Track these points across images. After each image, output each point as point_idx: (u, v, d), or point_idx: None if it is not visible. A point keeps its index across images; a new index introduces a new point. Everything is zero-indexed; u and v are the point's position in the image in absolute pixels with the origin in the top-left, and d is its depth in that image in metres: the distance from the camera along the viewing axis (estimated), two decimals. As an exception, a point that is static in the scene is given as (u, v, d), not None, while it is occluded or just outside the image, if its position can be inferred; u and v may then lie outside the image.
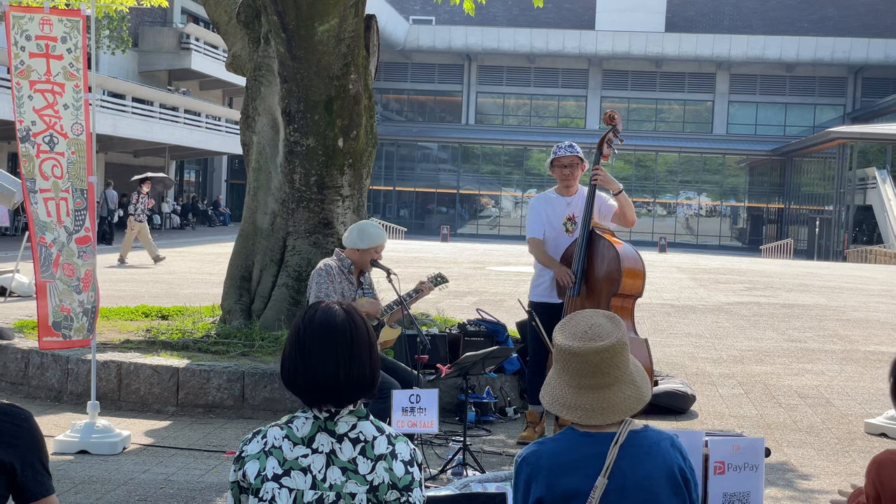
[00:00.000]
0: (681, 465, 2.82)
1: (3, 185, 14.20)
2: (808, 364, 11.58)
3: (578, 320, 2.89)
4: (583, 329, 2.84)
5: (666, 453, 2.80)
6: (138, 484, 6.36)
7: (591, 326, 2.84)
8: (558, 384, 2.85)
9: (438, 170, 63.80)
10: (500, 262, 27.01)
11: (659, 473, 2.77)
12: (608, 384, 2.80)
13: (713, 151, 61.40)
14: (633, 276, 7.04)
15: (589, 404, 2.79)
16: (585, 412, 2.79)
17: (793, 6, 64.12)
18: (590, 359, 2.78)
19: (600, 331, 2.83)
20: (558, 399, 2.83)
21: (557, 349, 2.84)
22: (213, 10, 11.29)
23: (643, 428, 2.84)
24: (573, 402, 2.81)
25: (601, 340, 2.80)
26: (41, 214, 7.13)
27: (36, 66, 7.04)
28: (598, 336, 2.81)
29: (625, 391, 2.82)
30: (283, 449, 2.67)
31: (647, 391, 2.89)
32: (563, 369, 2.84)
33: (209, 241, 34.55)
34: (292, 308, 9.64)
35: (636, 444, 2.79)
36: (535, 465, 2.82)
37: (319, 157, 9.63)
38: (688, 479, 2.82)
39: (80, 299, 7.20)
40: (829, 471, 7.12)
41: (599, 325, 2.85)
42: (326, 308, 2.75)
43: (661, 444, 2.81)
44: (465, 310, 13.72)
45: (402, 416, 5.87)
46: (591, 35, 61.35)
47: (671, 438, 2.86)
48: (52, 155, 7.11)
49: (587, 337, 2.81)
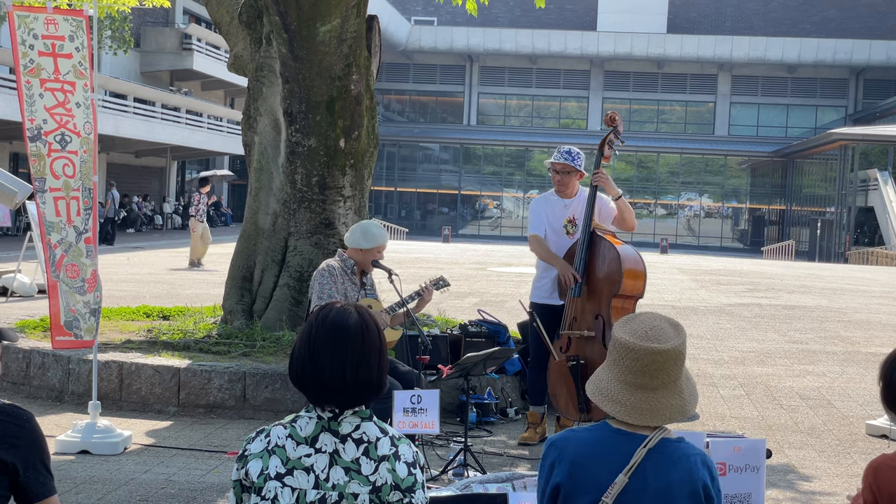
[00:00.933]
0: (707, 483, 2.78)
1: (4, 184, 14.20)
2: (810, 365, 11.57)
3: (643, 319, 2.88)
4: (645, 329, 2.83)
5: (694, 468, 2.78)
6: (139, 484, 6.37)
7: (653, 328, 2.83)
8: (607, 377, 2.85)
9: (440, 170, 63.80)
10: (501, 262, 27.01)
11: (681, 486, 2.75)
12: (655, 387, 2.79)
13: (715, 153, 61.39)
14: (634, 276, 7.04)
15: (632, 402, 2.78)
16: (626, 409, 2.78)
17: (795, 7, 64.10)
18: (644, 358, 2.77)
19: (661, 334, 2.82)
20: (604, 391, 2.83)
21: (615, 343, 2.83)
22: (215, 11, 11.29)
23: (678, 439, 2.82)
24: (618, 396, 2.80)
25: (660, 343, 2.79)
26: (49, 214, 7.13)
27: (45, 64, 7.06)
28: (658, 338, 2.80)
29: (671, 399, 2.80)
30: (287, 448, 2.68)
31: (693, 405, 2.86)
32: (615, 363, 2.83)
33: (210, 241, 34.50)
34: (294, 308, 9.64)
35: (666, 451, 2.77)
36: (561, 450, 2.82)
37: (321, 157, 9.64)
38: (711, 497, 2.79)
39: (86, 300, 7.22)
40: (830, 472, 7.12)
41: (662, 328, 2.84)
42: (341, 309, 2.75)
43: (690, 459, 2.79)
44: (467, 310, 13.73)
45: (403, 417, 5.87)
46: (592, 36, 61.33)
47: (703, 456, 2.83)
48: (64, 154, 7.12)
49: (647, 337, 2.80)
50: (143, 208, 42.82)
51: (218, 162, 55.58)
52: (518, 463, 7.14)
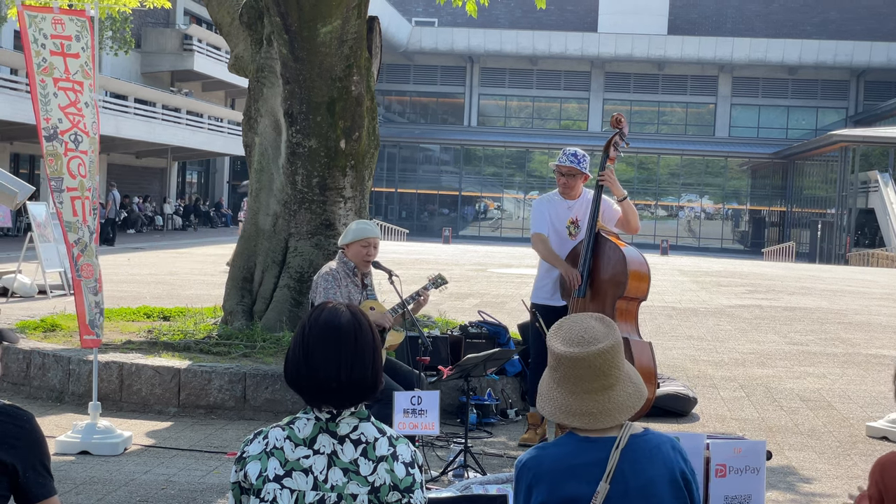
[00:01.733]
0: (682, 468, 2.81)
1: (5, 185, 14.21)
2: (810, 367, 11.57)
3: (570, 325, 2.87)
4: (577, 334, 2.82)
5: (667, 457, 2.79)
6: (139, 485, 6.37)
7: (585, 330, 2.82)
8: (559, 393, 2.82)
9: (440, 172, 63.81)
10: (501, 264, 27.01)
11: (661, 477, 2.76)
12: (610, 385, 2.79)
13: (715, 154, 61.40)
14: (639, 279, 7.04)
15: (595, 408, 2.77)
16: (592, 416, 2.77)
17: (795, 9, 64.11)
18: (592, 362, 2.77)
19: (595, 334, 2.81)
20: (562, 407, 2.81)
21: (556, 356, 2.82)
22: (216, 12, 11.30)
23: (644, 432, 2.83)
24: (577, 408, 2.79)
25: (599, 343, 2.79)
26: (66, 214, 7.18)
27: (57, 64, 7.10)
28: (595, 339, 2.80)
29: (626, 389, 2.82)
30: (285, 450, 2.67)
31: (644, 387, 2.89)
32: (564, 377, 2.81)
33: (211, 242, 34.56)
34: (294, 309, 9.64)
35: (637, 448, 2.78)
36: (536, 471, 2.80)
37: (321, 158, 9.64)
38: (689, 481, 2.82)
39: (97, 300, 7.28)
40: (830, 474, 7.12)
41: (593, 328, 2.83)
42: (333, 309, 2.75)
43: (661, 448, 2.80)
44: (467, 311, 13.73)
45: (403, 418, 5.87)
46: (593, 37, 61.33)
47: (671, 441, 2.85)
48: (77, 153, 7.17)
49: (584, 341, 2.79)
50: (143, 209, 42.83)
51: (219, 163, 55.60)
52: (518, 464, 7.12)
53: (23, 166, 37.02)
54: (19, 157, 37.13)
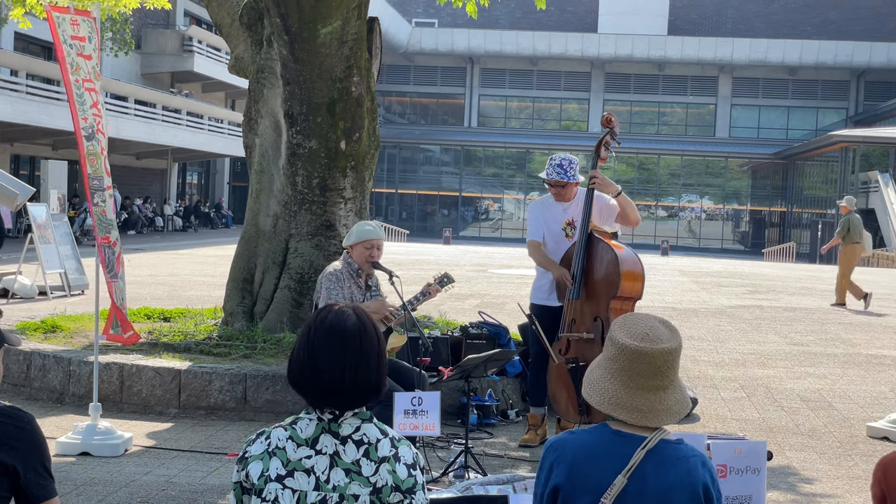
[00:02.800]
0: (707, 484, 2.77)
1: (6, 186, 14.21)
2: (811, 367, 11.57)
3: (635, 321, 2.87)
4: (643, 331, 2.82)
5: (693, 469, 2.77)
6: (140, 486, 6.37)
7: (651, 329, 2.82)
8: (612, 384, 2.81)
9: (441, 172, 63.81)
10: (502, 264, 27.01)
11: (681, 487, 2.73)
12: (665, 386, 2.79)
13: (716, 155, 61.38)
14: (632, 278, 7.04)
15: (645, 406, 2.77)
16: (640, 413, 2.77)
17: (795, 9, 64.11)
18: (654, 360, 2.77)
19: (660, 334, 2.81)
20: (612, 399, 2.80)
21: (620, 348, 2.80)
22: (216, 13, 11.30)
23: (678, 440, 2.82)
24: (629, 402, 2.78)
25: (664, 343, 2.79)
26: (109, 212, 7.29)
27: (81, 65, 7.21)
28: (660, 339, 2.80)
29: (676, 395, 2.82)
30: (287, 450, 2.68)
31: (689, 398, 2.90)
32: (622, 369, 2.80)
33: (211, 243, 34.57)
34: (294, 310, 9.64)
35: (665, 453, 2.77)
36: (560, 452, 2.81)
37: (322, 159, 9.64)
38: (711, 500, 2.78)
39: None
40: (831, 474, 7.12)
41: (658, 328, 2.84)
42: (339, 311, 2.75)
43: (689, 460, 2.78)
44: (468, 312, 13.72)
45: (404, 419, 5.87)
46: (593, 38, 61.34)
47: (703, 457, 2.82)
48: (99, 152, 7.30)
49: (650, 339, 2.79)
50: (144, 210, 42.82)
51: (219, 164, 55.59)
52: (519, 465, 7.13)
53: (23, 168, 37.02)
54: (20, 158, 37.13)
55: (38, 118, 30.93)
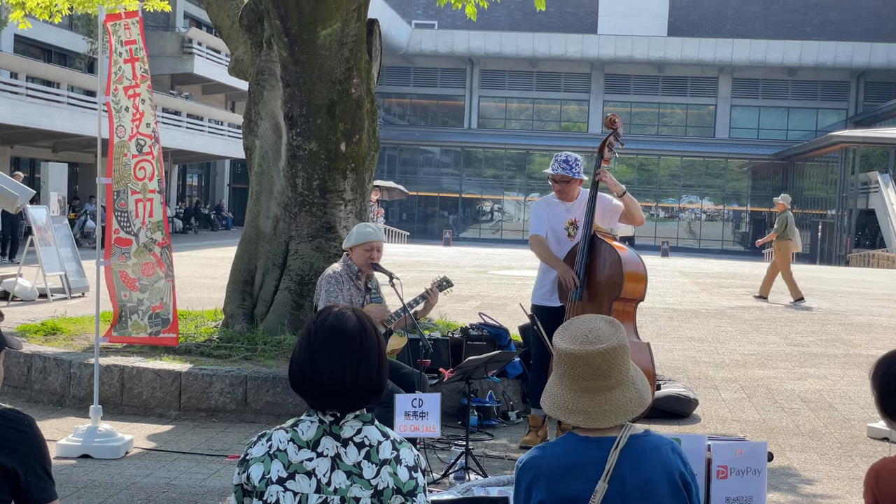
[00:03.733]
0: (681, 469, 2.82)
1: (6, 188, 14.21)
2: (811, 368, 11.57)
3: (578, 324, 2.90)
4: (583, 333, 2.85)
5: (666, 458, 2.81)
6: (141, 488, 6.37)
7: (590, 330, 2.85)
8: (559, 389, 2.86)
9: (441, 174, 63.85)
10: (502, 266, 27.00)
11: (660, 478, 2.77)
12: (610, 387, 2.81)
13: (716, 155, 61.42)
14: (635, 280, 7.03)
15: (591, 407, 2.79)
16: (588, 415, 2.80)
17: (795, 10, 64.14)
18: (591, 361, 2.79)
19: (600, 334, 2.84)
20: (559, 404, 2.84)
21: (558, 353, 2.85)
22: (216, 15, 11.30)
23: (644, 433, 2.85)
24: (575, 405, 2.81)
25: (602, 343, 2.81)
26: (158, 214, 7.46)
27: (126, 71, 7.35)
28: (599, 339, 2.82)
29: (626, 393, 2.83)
30: (288, 452, 2.68)
31: (648, 394, 2.90)
32: (564, 374, 2.84)
33: (211, 245, 34.57)
34: (295, 312, 9.64)
35: (637, 448, 2.79)
36: (536, 470, 2.82)
37: (322, 161, 9.64)
38: (688, 483, 2.83)
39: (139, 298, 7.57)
40: (831, 475, 7.12)
41: (599, 328, 2.86)
42: (339, 313, 2.75)
43: (661, 449, 2.82)
44: (468, 314, 13.72)
45: (404, 421, 5.87)
46: (593, 39, 61.37)
47: (671, 443, 2.86)
48: (142, 157, 7.39)
49: (587, 340, 2.82)
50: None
51: (219, 165, 55.61)
52: (519, 466, 7.12)
53: (23, 170, 37.01)
54: (19, 160, 37.14)
55: (38, 120, 30.93)
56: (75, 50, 41.05)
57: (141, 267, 7.41)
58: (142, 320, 7.51)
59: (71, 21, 38.93)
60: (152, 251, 7.43)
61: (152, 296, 7.45)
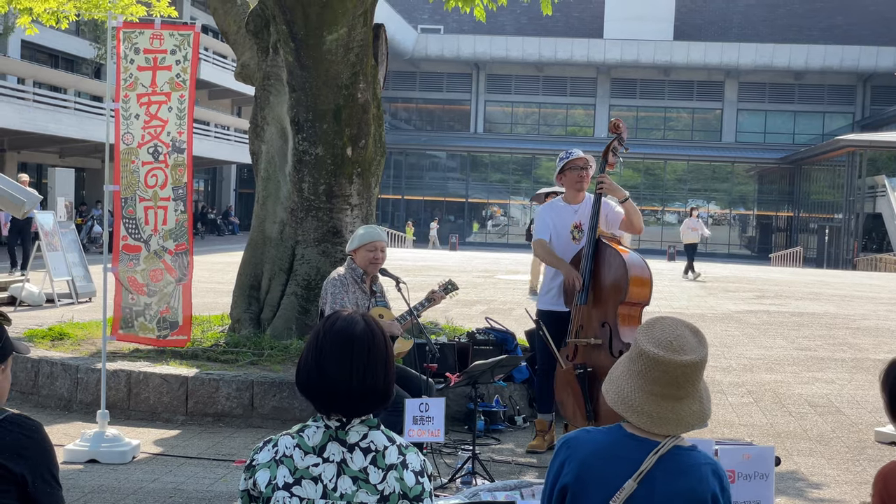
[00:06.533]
0: (716, 493, 2.75)
1: (13, 194, 14.24)
2: (818, 372, 11.54)
3: (664, 327, 2.82)
4: (668, 338, 2.78)
5: (704, 477, 2.75)
6: (148, 493, 6.37)
7: (676, 337, 2.78)
8: (628, 385, 2.80)
9: (447, 178, 63.83)
10: (508, 270, 26.99)
11: (690, 495, 2.72)
12: (680, 397, 2.76)
13: (722, 160, 61.33)
14: (640, 284, 7.02)
15: (657, 412, 2.75)
16: (651, 419, 2.75)
17: (801, 14, 64.07)
18: (671, 370, 2.74)
19: (685, 343, 2.77)
20: (626, 399, 2.78)
21: (641, 354, 2.78)
22: (223, 20, 11.33)
23: (691, 447, 2.80)
24: (641, 406, 2.76)
25: (687, 354, 2.75)
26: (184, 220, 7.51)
27: (143, 79, 7.35)
28: (682, 349, 2.76)
29: (692, 406, 2.78)
30: (294, 458, 2.67)
31: (710, 409, 2.86)
32: (640, 373, 2.78)
33: (218, 250, 34.61)
34: (301, 317, 9.65)
35: (676, 460, 2.75)
36: (573, 449, 2.80)
37: (328, 166, 9.65)
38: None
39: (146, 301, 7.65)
40: (839, 480, 7.10)
41: (684, 337, 2.79)
42: (347, 317, 2.75)
43: (701, 468, 2.76)
44: (474, 318, 13.72)
45: (413, 426, 5.87)
46: (599, 43, 61.36)
47: (715, 465, 2.81)
48: (157, 164, 7.44)
49: (672, 348, 2.75)
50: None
51: (225, 170, 55.67)
52: (526, 471, 7.12)
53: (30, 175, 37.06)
54: (27, 165, 37.21)
55: (45, 126, 31.00)
56: (82, 55, 41.14)
57: (149, 273, 7.44)
58: (150, 323, 7.54)
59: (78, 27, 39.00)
60: (162, 258, 7.45)
61: (161, 300, 7.48)
